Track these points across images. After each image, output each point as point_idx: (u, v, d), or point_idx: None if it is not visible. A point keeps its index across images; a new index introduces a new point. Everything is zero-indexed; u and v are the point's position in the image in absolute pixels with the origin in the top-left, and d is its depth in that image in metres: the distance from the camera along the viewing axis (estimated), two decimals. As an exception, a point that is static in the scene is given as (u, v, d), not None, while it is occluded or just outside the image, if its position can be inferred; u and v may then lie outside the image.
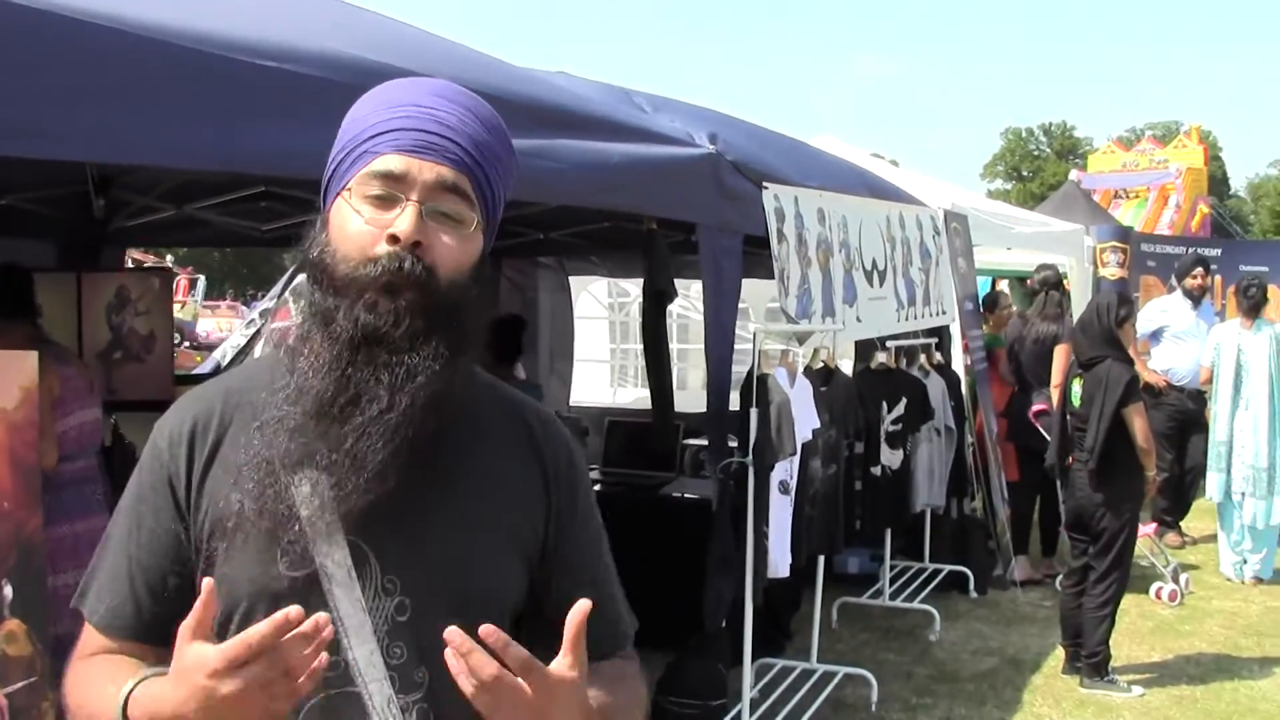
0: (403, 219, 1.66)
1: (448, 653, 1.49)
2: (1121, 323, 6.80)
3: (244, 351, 10.88)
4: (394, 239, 1.65)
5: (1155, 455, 6.85)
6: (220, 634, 1.66)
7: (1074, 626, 7.07)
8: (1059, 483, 7.60)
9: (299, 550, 1.67)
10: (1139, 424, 6.64)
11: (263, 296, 15.97)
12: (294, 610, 1.46)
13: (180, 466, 1.76)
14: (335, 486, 1.64)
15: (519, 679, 1.50)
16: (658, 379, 6.33)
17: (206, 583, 1.50)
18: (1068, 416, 7.06)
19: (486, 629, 1.49)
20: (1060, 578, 7.74)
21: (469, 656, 1.48)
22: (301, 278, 1.79)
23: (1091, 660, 6.88)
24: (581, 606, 1.57)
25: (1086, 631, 6.89)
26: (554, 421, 1.96)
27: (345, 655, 1.68)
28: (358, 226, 1.68)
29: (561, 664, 1.56)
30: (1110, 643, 6.93)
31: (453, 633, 1.49)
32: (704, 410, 5.50)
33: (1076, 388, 6.93)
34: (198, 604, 1.50)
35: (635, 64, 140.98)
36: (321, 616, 1.48)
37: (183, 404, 1.83)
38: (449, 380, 1.69)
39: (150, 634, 1.75)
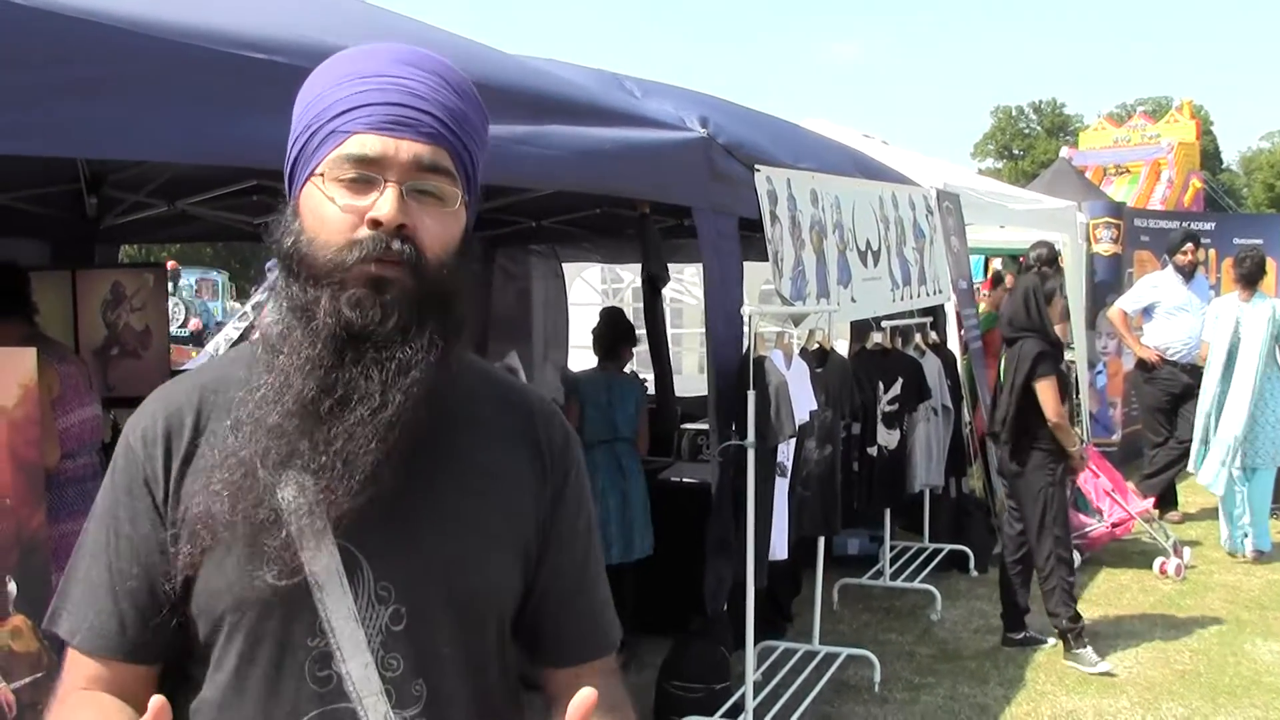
0: (384, 202, 1.55)
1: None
2: (1049, 299, 6.91)
3: (238, 345, 10.87)
4: (375, 224, 1.55)
5: (1069, 430, 6.91)
6: (206, 649, 1.62)
7: (1009, 596, 7.26)
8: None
9: (286, 557, 1.55)
10: (1048, 398, 6.73)
11: (254, 290, 16.00)
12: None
13: (157, 467, 1.64)
14: (325, 490, 1.53)
15: None
16: (658, 364, 6.33)
17: (155, 701, 1.39)
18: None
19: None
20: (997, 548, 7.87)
21: None
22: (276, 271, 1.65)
23: (1061, 633, 6.98)
24: (585, 695, 1.47)
25: (1049, 607, 6.99)
26: (550, 408, 1.85)
27: (338, 669, 1.58)
28: (334, 213, 1.57)
29: None
30: (1079, 612, 7.01)
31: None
32: (700, 394, 5.51)
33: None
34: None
35: (612, 52, 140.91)
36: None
37: (155, 401, 1.71)
38: (443, 371, 1.59)
39: (138, 653, 1.65)
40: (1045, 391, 6.72)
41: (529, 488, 1.75)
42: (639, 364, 10.27)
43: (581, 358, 11.05)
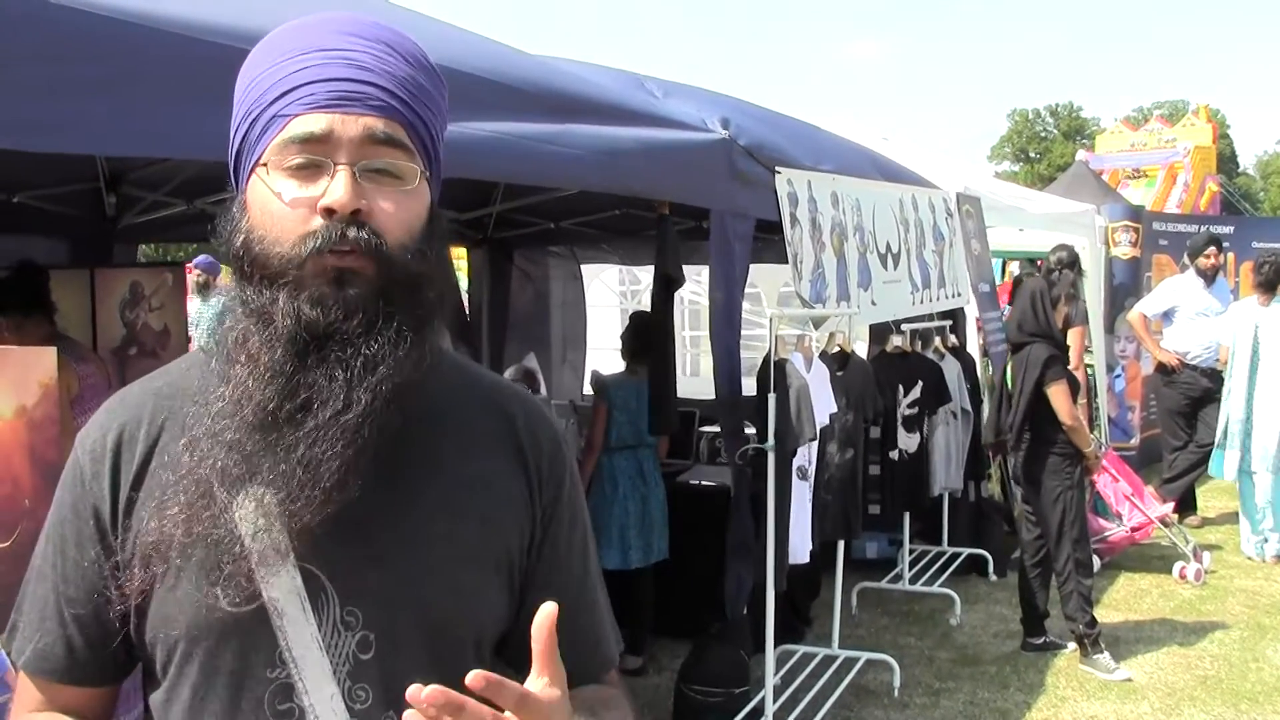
0: (335, 186, 1.42)
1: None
2: (1055, 304, 6.90)
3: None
4: (329, 212, 1.42)
5: (1085, 431, 6.93)
6: (161, 677, 1.52)
7: (1028, 600, 7.23)
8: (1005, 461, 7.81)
9: (242, 580, 1.43)
10: (1061, 402, 6.73)
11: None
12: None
13: (104, 487, 1.53)
14: (286, 501, 1.40)
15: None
16: (660, 364, 6.29)
17: None
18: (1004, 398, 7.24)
19: (475, 678, 1.20)
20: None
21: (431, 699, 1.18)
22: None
23: (1078, 638, 6.96)
24: (548, 612, 1.28)
25: (1065, 611, 6.96)
26: (538, 411, 1.70)
27: (301, 701, 1.46)
28: (282, 208, 1.44)
29: (537, 684, 1.28)
30: (1096, 618, 6.98)
31: (414, 693, 1.17)
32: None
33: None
34: None
35: (629, 50, 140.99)
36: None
37: (105, 412, 1.59)
38: (415, 365, 1.46)
39: (86, 675, 1.56)
40: (1058, 395, 6.70)
41: (513, 500, 1.61)
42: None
43: (599, 359, 11.04)
